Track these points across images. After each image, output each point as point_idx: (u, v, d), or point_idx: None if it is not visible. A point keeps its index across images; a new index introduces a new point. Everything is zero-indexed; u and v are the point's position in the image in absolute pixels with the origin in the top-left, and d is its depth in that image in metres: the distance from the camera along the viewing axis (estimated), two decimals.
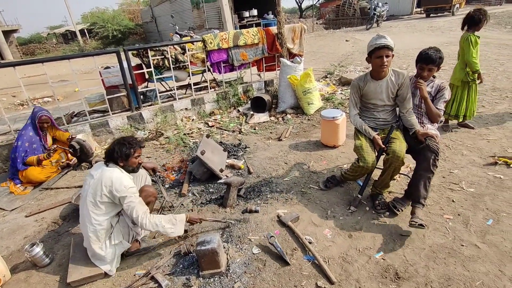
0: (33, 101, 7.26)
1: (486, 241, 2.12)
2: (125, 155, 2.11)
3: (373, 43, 2.35)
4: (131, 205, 2.03)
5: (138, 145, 2.18)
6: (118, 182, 2.02)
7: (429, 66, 2.49)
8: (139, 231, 2.28)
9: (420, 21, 16.43)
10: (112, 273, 2.17)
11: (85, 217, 2.08)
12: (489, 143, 3.49)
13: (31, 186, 3.56)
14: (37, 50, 27.13)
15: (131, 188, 2.05)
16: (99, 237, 2.09)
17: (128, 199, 2.02)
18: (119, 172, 2.09)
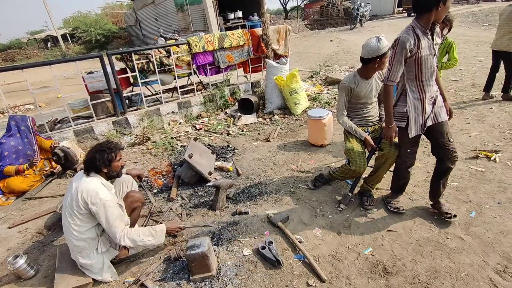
0: (14, 109, 7.05)
1: (470, 233, 2.18)
2: (108, 160, 2.05)
3: (384, 45, 2.29)
4: (109, 220, 1.94)
5: (118, 148, 2.14)
6: (94, 194, 1.93)
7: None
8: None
9: (402, 20, 16.79)
10: (108, 279, 2.12)
11: (67, 229, 2.02)
12: (470, 138, 3.59)
13: (13, 196, 3.45)
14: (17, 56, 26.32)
15: (107, 201, 1.95)
16: (83, 248, 2.03)
17: (103, 213, 1.93)
18: (97, 183, 2.00)
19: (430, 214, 2.43)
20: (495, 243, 2.07)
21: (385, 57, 2.33)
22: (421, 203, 2.59)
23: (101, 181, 2.06)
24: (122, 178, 2.46)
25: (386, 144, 2.44)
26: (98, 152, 2.04)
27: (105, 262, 2.13)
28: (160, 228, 2.17)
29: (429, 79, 2.15)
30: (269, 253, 2.17)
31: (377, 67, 2.42)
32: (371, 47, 2.32)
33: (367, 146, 2.56)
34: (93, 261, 2.06)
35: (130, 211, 2.25)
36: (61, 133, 4.29)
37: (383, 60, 2.35)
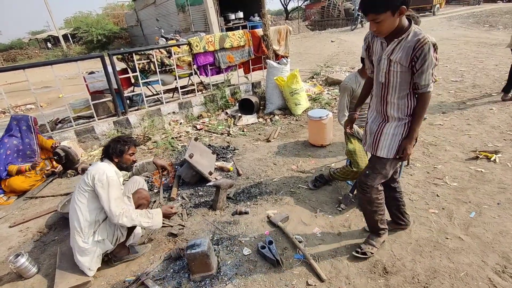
0: (15, 109, 7.07)
1: (469, 233, 2.19)
2: (119, 151, 2.17)
3: None
4: (110, 198, 1.98)
5: (133, 143, 2.25)
6: (101, 171, 2.03)
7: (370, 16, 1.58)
8: (125, 233, 2.20)
9: None
10: (91, 273, 2.13)
11: (73, 209, 2.08)
12: (470, 138, 3.59)
13: (14, 195, 3.47)
14: (18, 56, 26.40)
15: (112, 180, 2.03)
16: (82, 229, 2.05)
17: (106, 191, 1.99)
18: (107, 166, 2.12)
19: (430, 214, 2.44)
20: (494, 243, 2.07)
21: None
22: (420, 203, 2.59)
23: (112, 167, 2.16)
24: (134, 179, 2.49)
25: None
26: (114, 142, 2.20)
27: (97, 253, 2.12)
28: (156, 211, 2.21)
29: (377, 95, 1.81)
30: (269, 252, 2.18)
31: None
32: None
33: None
34: (88, 246, 2.07)
35: (136, 206, 2.28)
36: (62, 133, 4.31)
37: None
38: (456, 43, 9.14)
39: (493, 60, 6.88)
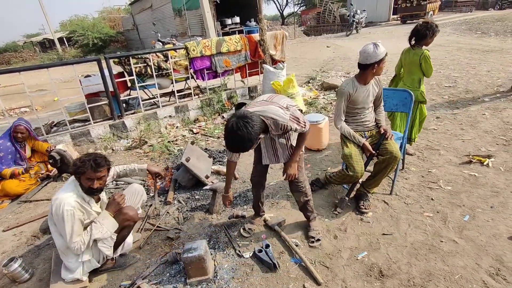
0: (9, 112, 7.01)
1: (463, 236, 2.22)
2: (75, 172, 1.93)
3: (379, 52, 2.32)
4: (66, 232, 1.90)
5: (93, 168, 1.90)
6: (58, 203, 1.89)
7: None
8: (109, 253, 2.11)
9: (397, 27, 17.04)
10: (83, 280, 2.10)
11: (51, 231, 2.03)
12: (464, 143, 3.65)
13: (8, 199, 3.42)
14: (12, 59, 26.20)
15: (67, 214, 1.88)
16: (63, 252, 2.04)
17: (62, 226, 1.90)
18: (69, 193, 1.94)
19: (424, 218, 2.47)
20: (488, 246, 2.10)
21: (383, 62, 2.37)
22: (415, 207, 2.62)
23: (78, 191, 1.98)
24: (134, 188, 2.47)
25: (387, 150, 2.48)
26: (78, 159, 1.96)
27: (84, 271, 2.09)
28: (102, 216, 2.06)
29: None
30: (265, 256, 2.18)
31: (374, 73, 2.45)
32: (369, 53, 2.36)
33: (366, 152, 2.59)
34: (73, 265, 2.05)
35: (120, 228, 2.13)
36: (58, 136, 4.28)
37: (381, 66, 2.39)
38: (449, 49, 9.29)
39: (486, 66, 7.00)
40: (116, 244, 2.17)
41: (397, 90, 3.01)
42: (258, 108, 1.88)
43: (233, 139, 1.75)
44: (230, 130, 1.74)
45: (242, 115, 1.74)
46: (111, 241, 2.09)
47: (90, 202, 2.06)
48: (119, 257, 2.30)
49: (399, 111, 3.04)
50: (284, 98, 2.06)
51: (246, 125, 1.70)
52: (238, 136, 1.71)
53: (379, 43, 2.36)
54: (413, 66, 3.22)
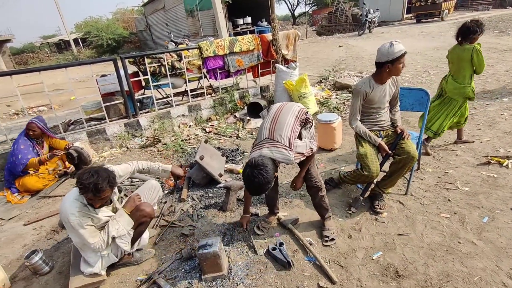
0: (28, 110, 7.21)
1: (482, 238, 2.17)
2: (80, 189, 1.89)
3: (396, 50, 2.29)
4: (81, 239, 1.97)
5: (93, 192, 1.85)
6: (63, 214, 1.94)
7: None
8: (127, 249, 2.16)
9: (411, 26, 16.75)
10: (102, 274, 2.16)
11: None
12: (482, 144, 3.56)
13: (28, 195, 3.53)
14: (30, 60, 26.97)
15: (73, 223, 1.91)
16: (81, 249, 2.09)
17: (74, 233, 1.96)
18: (72, 204, 1.94)
19: (441, 219, 2.43)
20: (508, 248, 2.05)
21: (398, 62, 2.33)
22: (432, 208, 2.58)
23: (82, 201, 1.97)
24: (151, 184, 2.51)
25: (404, 150, 2.45)
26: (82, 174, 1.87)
27: (103, 265, 2.14)
28: (118, 213, 2.12)
29: None
30: (279, 254, 2.19)
31: (389, 72, 2.41)
32: (382, 51, 2.34)
33: (382, 152, 2.56)
34: (92, 260, 2.11)
35: (138, 224, 2.17)
36: (75, 134, 4.39)
37: (396, 66, 2.34)
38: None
39: (504, 65, 6.82)
40: (133, 240, 2.21)
41: (412, 89, 2.96)
42: (265, 152, 2.00)
43: (253, 186, 1.91)
44: (249, 180, 1.90)
45: (255, 164, 1.89)
46: (128, 237, 2.13)
47: (96, 209, 2.04)
48: (135, 252, 2.34)
49: (414, 111, 2.99)
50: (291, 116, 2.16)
51: (261, 172, 1.86)
52: (257, 183, 1.87)
53: (395, 42, 2.33)
54: (463, 62, 3.20)
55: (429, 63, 7.85)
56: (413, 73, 7.04)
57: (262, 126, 2.21)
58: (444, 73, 6.70)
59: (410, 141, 2.56)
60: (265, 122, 2.21)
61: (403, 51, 2.31)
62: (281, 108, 2.24)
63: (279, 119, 2.14)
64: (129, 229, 2.11)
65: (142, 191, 2.47)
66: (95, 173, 1.87)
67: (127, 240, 2.13)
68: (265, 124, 2.18)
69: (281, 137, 2.04)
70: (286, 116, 2.16)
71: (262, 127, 2.20)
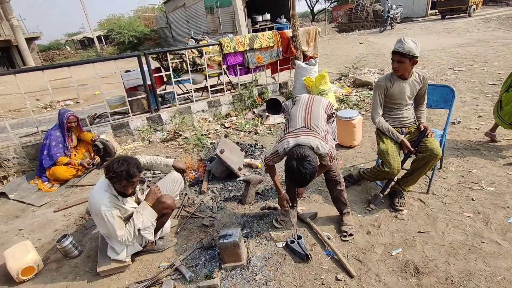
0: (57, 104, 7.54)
1: (507, 238, 2.12)
2: (110, 178, 2.01)
3: (395, 45, 2.37)
4: (109, 229, 2.05)
5: (127, 179, 1.97)
6: (94, 206, 2.03)
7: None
8: (151, 238, 2.26)
9: (436, 23, 16.21)
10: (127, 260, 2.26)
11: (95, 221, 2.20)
12: (510, 143, 3.44)
13: (57, 183, 3.73)
14: (56, 57, 28.10)
15: (105, 213, 2.00)
16: (107, 237, 2.22)
17: (104, 223, 2.03)
18: (102, 195, 2.04)
19: (464, 218, 2.38)
20: None
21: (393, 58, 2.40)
22: (454, 207, 2.53)
23: (111, 191, 2.07)
24: (173, 176, 2.58)
25: (427, 147, 2.41)
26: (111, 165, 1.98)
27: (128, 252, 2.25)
28: (141, 207, 2.18)
29: None
30: (298, 247, 2.22)
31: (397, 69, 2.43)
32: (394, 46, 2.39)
33: (404, 149, 2.54)
34: (118, 248, 2.21)
35: (160, 215, 2.25)
36: (100, 127, 4.57)
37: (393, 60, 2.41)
38: (494, 45, 8.71)
39: None
40: (156, 229, 2.30)
41: (437, 86, 2.90)
42: (303, 140, 1.99)
43: (302, 178, 1.90)
44: (298, 173, 1.88)
45: (301, 156, 1.88)
46: (152, 228, 2.22)
47: (124, 200, 2.15)
48: (158, 240, 2.44)
49: (438, 108, 2.93)
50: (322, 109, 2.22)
51: (309, 164, 1.87)
52: (306, 175, 1.87)
53: (402, 39, 2.35)
54: None
55: (454, 60, 7.60)
56: (437, 71, 6.84)
57: (294, 114, 2.21)
58: (470, 71, 6.49)
59: (434, 138, 2.52)
60: (297, 111, 2.23)
61: (394, 49, 2.36)
62: (312, 99, 2.29)
63: (313, 109, 2.20)
64: (153, 221, 2.20)
65: (164, 183, 2.56)
66: (124, 161, 1.99)
67: (150, 231, 2.22)
68: (299, 112, 2.20)
69: (318, 127, 2.08)
70: (318, 107, 2.23)
71: (295, 115, 2.20)
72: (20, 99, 8.09)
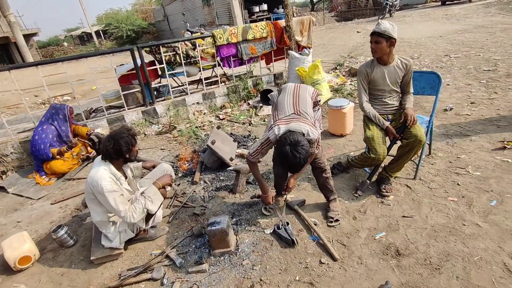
0: (54, 99, 7.60)
1: (488, 221, 2.17)
2: (131, 144, 2.16)
3: (374, 28, 2.43)
4: (112, 205, 2.07)
5: (134, 139, 2.20)
6: (96, 183, 2.06)
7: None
8: (143, 225, 2.34)
9: (435, 9, 15.97)
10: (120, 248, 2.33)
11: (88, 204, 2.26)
12: (499, 129, 3.46)
13: (54, 177, 3.81)
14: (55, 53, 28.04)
15: (106, 188, 2.05)
16: (101, 226, 2.28)
17: (106, 200, 2.07)
18: (103, 173, 2.09)
19: (448, 202, 2.43)
20: None
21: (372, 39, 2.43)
22: (439, 192, 2.57)
23: (110, 170, 2.15)
24: (163, 168, 2.62)
25: (411, 133, 2.45)
26: (121, 138, 2.10)
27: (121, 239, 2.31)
28: (152, 191, 2.26)
29: None
30: (284, 233, 2.28)
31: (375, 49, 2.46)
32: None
33: (389, 135, 2.58)
34: (111, 235, 2.28)
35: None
36: (96, 121, 4.63)
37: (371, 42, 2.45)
38: (493, 30, 8.60)
39: None
40: (147, 217, 2.37)
41: (424, 72, 2.91)
42: (294, 127, 2.02)
43: (297, 164, 1.90)
44: (292, 158, 1.88)
45: (295, 142, 1.89)
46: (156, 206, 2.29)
47: (120, 179, 2.23)
48: (150, 228, 2.51)
49: (425, 94, 2.94)
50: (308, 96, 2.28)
51: (302, 148, 1.89)
52: (301, 160, 1.89)
53: (382, 22, 2.40)
54: None
55: (450, 47, 7.54)
56: (433, 58, 6.80)
57: (282, 102, 2.24)
58: (466, 57, 6.45)
59: (419, 125, 2.54)
60: (285, 98, 2.25)
61: (373, 30, 2.42)
62: (298, 87, 2.34)
63: (300, 96, 2.24)
64: (159, 204, 2.29)
65: (155, 174, 2.62)
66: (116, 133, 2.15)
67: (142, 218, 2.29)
68: (287, 100, 2.23)
69: (307, 114, 2.13)
70: (305, 94, 2.28)
71: (283, 103, 2.22)
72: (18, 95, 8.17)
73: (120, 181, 2.21)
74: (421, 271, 1.85)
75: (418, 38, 9.04)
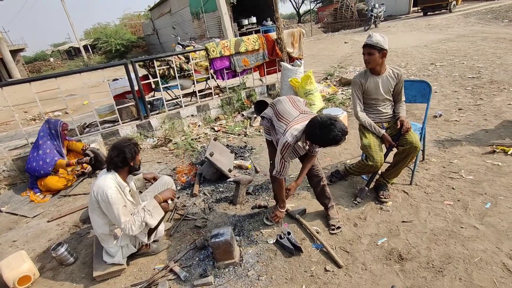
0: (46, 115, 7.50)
1: (484, 223, 2.24)
2: (134, 153, 2.22)
3: (366, 40, 2.53)
4: (114, 214, 2.09)
5: (136, 146, 2.27)
6: (101, 191, 2.07)
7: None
8: (145, 240, 2.33)
9: (418, 19, 16.58)
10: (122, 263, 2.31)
11: (91, 216, 2.25)
12: (488, 133, 3.59)
13: (49, 194, 3.74)
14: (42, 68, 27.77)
15: (112, 198, 2.07)
16: (103, 239, 2.27)
17: (109, 209, 2.09)
18: (109, 182, 2.12)
19: (445, 206, 2.50)
20: (509, 231, 2.12)
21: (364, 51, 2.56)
22: (436, 196, 2.65)
23: (116, 179, 2.18)
24: (164, 180, 2.64)
25: (407, 140, 2.53)
26: (126, 147, 2.17)
27: (123, 254, 2.31)
28: (152, 205, 2.27)
29: None
30: (287, 242, 2.30)
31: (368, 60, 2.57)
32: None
33: (385, 143, 2.66)
34: (113, 250, 2.28)
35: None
36: (90, 136, 4.59)
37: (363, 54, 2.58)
38: (473, 39, 8.99)
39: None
40: (150, 232, 2.36)
41: (415, 81, 3.03)
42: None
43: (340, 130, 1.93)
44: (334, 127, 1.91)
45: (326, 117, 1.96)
46: (146, 229, 2.29)
47: (125, 190, 2.24)
48: (152, 243, 2.49)
49: (417, 102, 3.05)
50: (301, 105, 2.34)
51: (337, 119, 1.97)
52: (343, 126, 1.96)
53: (372, 34, 2.51)
54: None
55: (435, 55, 7.82)
56: (420, 66, 7.04)
57: (283, 110, 2.23)
58: (451, 65, 6.70)
59: (413, 132, 2.63)
60: (285, 106, 2.26)
61: (365, 42, 2.53)
62: (291, 97, 2.39)
63: (296, 102, 2.31)
64: (159, 218, 2.28)
65: (156, 187, 2.62)
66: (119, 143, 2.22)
67: (144, 232, 2.29)
68: (287, 107, 2.25)
69: (310, 112, 2.22)
70: (299, 100, 2.36)
71: (284, 110, 2.22)
72: (8, 112, 8.03)
73: (124, 192, 2.22)
74: (425, 275, 1.89)
75: (404, 48, 9.35)
